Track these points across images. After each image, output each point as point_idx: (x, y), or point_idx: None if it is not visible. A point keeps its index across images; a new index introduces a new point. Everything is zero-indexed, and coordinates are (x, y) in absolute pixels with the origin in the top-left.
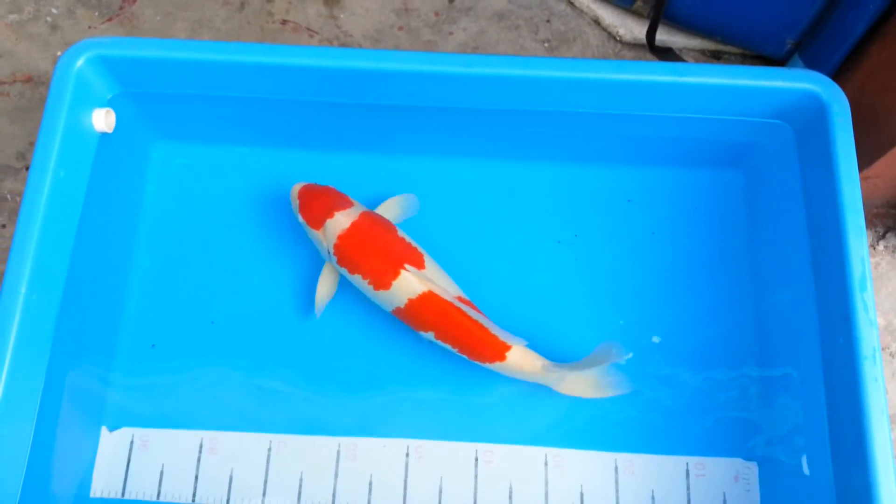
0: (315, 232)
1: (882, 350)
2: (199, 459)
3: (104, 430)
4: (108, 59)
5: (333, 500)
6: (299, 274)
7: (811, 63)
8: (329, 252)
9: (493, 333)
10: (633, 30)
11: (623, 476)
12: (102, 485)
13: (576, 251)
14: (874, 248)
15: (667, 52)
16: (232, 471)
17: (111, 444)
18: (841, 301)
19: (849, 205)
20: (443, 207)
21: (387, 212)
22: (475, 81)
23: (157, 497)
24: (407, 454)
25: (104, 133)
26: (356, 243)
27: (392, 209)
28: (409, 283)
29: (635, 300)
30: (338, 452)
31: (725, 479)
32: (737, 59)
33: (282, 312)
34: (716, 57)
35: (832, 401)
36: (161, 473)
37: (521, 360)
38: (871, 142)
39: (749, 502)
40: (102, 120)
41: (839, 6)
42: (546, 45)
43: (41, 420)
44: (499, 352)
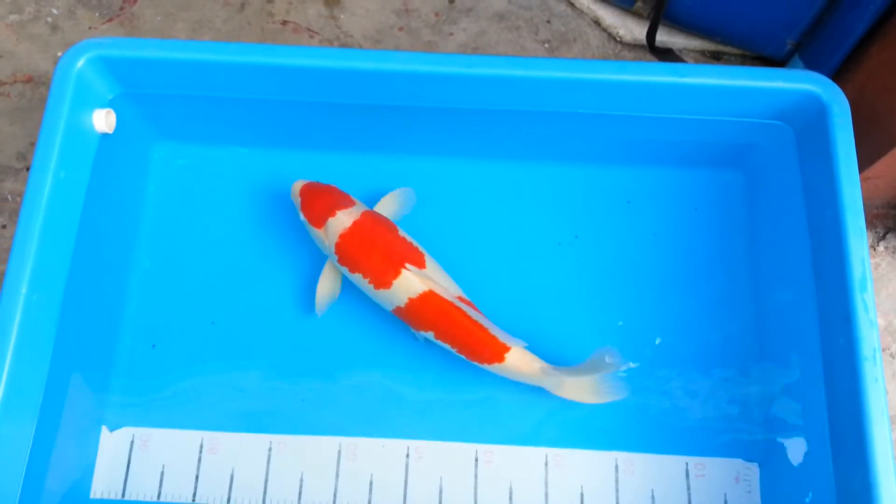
0: (317, 230)
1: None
2: (199, 459)
3: (104, 430)
4: (109, 60)
5: (334, 501)
6: (299, 274)
7: (811, 64)
8: (330, 250)
9: (493, 334)
10: (634, 30)
11: (623, 475)
12: (103, 484)
13: (576, 252)
14: (874, 249)
15: (667, 53)
16: (233, 471)
17: (111, 443)
18: (841, 301)
19: (849, 205)
20: (443, 208)
21: (386, 207)
22: (475, 82)
23: (158, 497)
24: (407, 454)
25: (105, 133)
26: (358, 242)
27: (391, 205)
28: (409, 283)
29: (636, 301)
30: (338, 453)
31: (726, 480)
32: (737, 60)
33: (282, 313)
34: (716, 58)
35: (832, 401)
36: (161, 473)
37: (519, 361)
38: (871, 142)
39: (750, 503)
40: (103, 120)
41: (839, 7)
42: (546, 45)
43: (42, 420)
44: (498, 353)
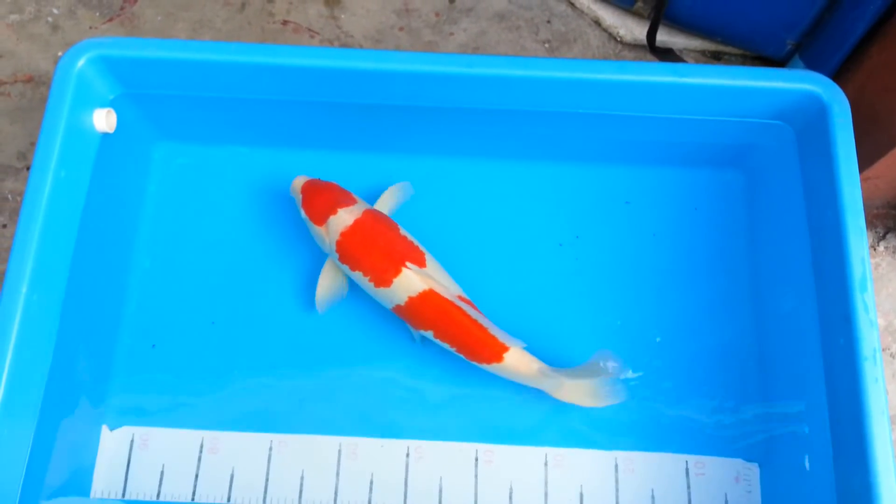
0: (318, 228)
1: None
2: (199, 459)
3: (105, 429)
4: (109, 60)
5: (335, 500)
6: (300, 274)
7: (811, 64)
8: (331, 248)
9: (492, 334)
10: (634, 30)
11: (623, 474)
12: (103, 484)
13: (577, 252)
14: (874, 249)
15: (667, 53)
16: (233, 470)
17: (112, 442)
18: (841, 302)
19: (849, 205)
20: (443, 207)
21: (385, 203)
22: (476, 82)
23: (158, 496)
24: (407, 454)
25: (105, 133)
26: (359, 240)
27: (389, 200)
28: (409, 281)
29: (636, 300)
30: (339, 452)
31: (726, 480)
32: (737, 60)
33: (282, 312)
34: (716, 58)
35: (833, 401)
36: (161, 473)
37: (518, 362)
38: (871, 142)
39: (750, 503)
40: (103, 120)
41: (839, 7)
42: (546, 45)
43: (42, 419)
44: (496, 352)
